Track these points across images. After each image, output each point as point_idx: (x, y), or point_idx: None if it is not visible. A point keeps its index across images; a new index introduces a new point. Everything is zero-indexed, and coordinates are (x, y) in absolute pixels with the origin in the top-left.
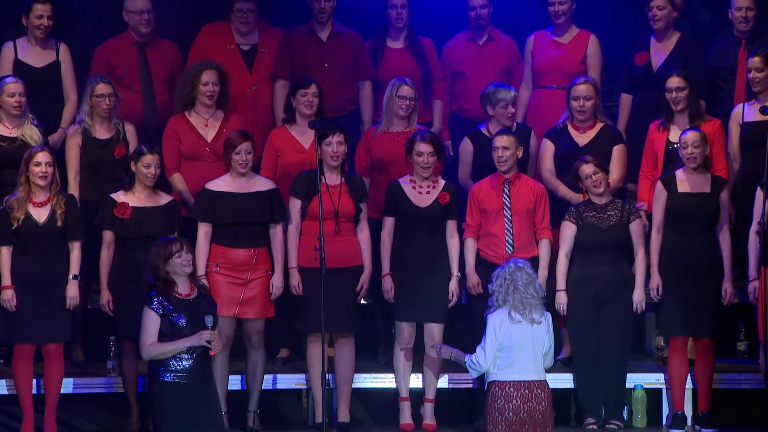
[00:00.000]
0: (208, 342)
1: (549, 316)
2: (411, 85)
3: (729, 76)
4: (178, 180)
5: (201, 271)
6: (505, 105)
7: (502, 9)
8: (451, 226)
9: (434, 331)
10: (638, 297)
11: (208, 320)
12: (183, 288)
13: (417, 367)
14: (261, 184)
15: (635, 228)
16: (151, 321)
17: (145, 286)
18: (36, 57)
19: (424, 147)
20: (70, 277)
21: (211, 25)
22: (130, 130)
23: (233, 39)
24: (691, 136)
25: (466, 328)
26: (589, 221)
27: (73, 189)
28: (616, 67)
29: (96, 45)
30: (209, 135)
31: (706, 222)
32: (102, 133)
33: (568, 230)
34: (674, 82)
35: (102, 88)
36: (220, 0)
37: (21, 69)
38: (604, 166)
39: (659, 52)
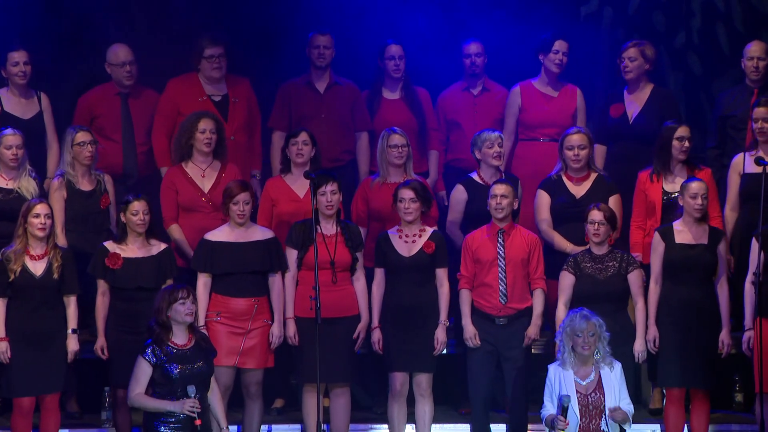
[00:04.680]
0: (191, 411)
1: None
2: (401, 133)
3: (740, 125)
4: (175, 230)
5: (201, 321)
6: (490, 145)
7: (495, 60)
8: (440, 274)
9: (422, 380)
10: (639, 347)
11: (191, 390)
12: (179, 337)
13: (412, 418)
14: (260, 233)
15: (633, 279)
16: (142, 371)
17: (146, 331)
18: (22, 108)
19: (405, 193)
20: (69, 331)
21: (178, 79)
22: (108, 180)
23: (203, 91)
24: (700, 186)
25: (459, 377)
26: (587, 272)
27: (61, 241)
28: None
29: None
30: (206, 186)
31: (704, 273)
32: (85, 184)
33: (567, 280)
34: (686, 131)
35: (82, 136)
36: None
37: (8, 121)
38: (613, 221)
39: (633, 104)
